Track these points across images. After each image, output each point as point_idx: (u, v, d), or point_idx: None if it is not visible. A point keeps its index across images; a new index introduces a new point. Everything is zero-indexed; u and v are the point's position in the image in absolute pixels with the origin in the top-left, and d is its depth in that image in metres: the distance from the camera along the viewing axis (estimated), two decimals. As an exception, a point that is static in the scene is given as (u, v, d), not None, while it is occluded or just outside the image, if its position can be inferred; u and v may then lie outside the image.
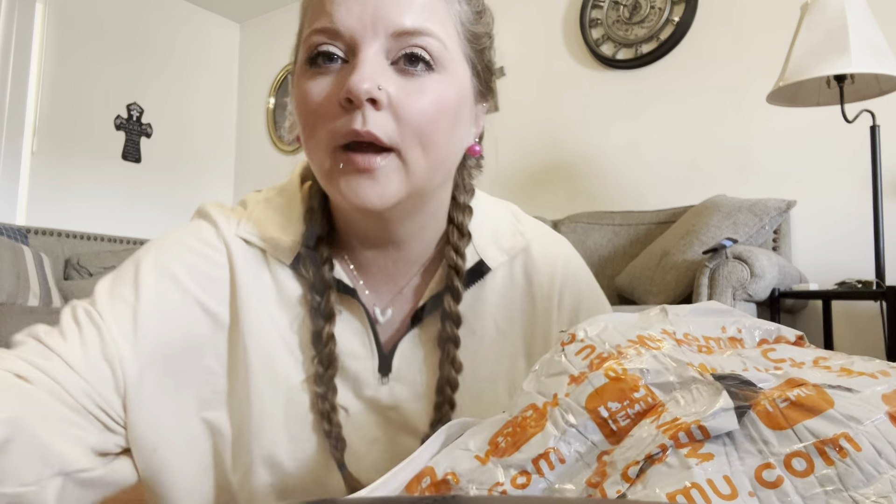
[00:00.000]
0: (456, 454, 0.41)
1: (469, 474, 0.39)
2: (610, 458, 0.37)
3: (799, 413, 0.34)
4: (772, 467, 0.32)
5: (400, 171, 0.53)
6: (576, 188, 3.05)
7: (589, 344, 0.44)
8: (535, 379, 0.44)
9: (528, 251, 0.66)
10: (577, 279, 0.67)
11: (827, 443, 0.32)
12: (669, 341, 0.43)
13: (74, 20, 3.78)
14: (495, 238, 0.65)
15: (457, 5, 0.56)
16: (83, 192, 3.77)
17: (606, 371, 0.40)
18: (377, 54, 0.51)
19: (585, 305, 0.66)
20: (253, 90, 4.54)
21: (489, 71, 0.63)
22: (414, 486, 0.40)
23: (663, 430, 0.35)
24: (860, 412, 0.33)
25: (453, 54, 0.55)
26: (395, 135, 0.52)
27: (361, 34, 0.51)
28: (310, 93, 0.53)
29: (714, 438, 0.34)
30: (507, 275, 0.65)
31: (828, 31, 1.89)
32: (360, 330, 0.61)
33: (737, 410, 0.34)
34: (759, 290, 1.89)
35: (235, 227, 0.61)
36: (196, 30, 4.40)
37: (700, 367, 0.39)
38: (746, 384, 0.37)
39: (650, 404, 0.38)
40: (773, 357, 0.41)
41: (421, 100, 0.52)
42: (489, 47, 0.62)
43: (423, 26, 0.52)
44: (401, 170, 0.53)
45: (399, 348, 0.62)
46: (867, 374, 0.38)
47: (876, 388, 0.36)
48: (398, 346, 0.62)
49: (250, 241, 0.61)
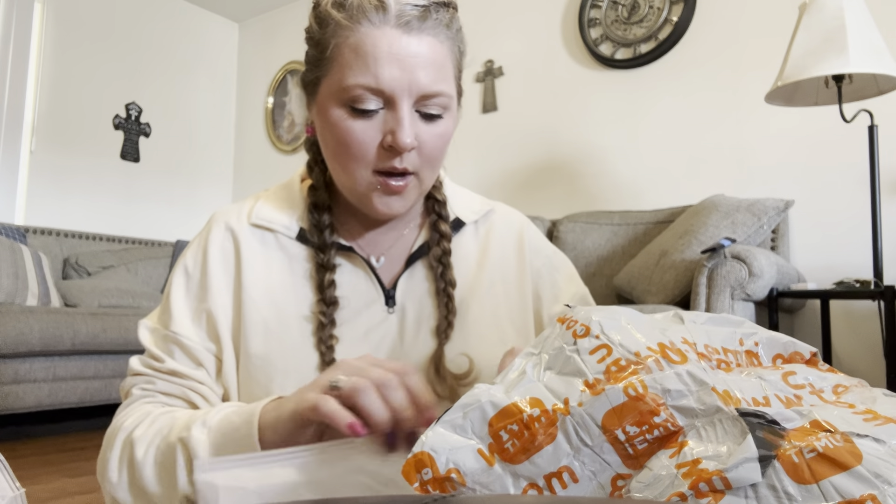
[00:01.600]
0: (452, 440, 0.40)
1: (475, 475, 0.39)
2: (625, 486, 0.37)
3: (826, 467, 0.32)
4: None
5: (417, 188, 0.72)
6: (574, 188, 3.05)
7: (605, 343, 0.42)
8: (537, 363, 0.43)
9: (494, 213, 0.85)
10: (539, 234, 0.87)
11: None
12: (692, 354, 0.42)
13: (73, 19, 3.77)
14: (467, 204, 0.84)
15: (457, 55, 0.72)
16: (82, 191, 3.76)
17: (626, 388, 0.38)
18: (411, 110, 0.68)
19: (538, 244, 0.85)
20: (252, 89, 4.53)
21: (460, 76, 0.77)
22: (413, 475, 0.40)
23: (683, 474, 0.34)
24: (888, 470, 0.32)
25: (453, 95, 0.71)
26: (417, 163, 0.70)
27: (400, 95, 0.66)
28: (354, 132, 0.68)
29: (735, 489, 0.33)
30: (478, 229, 0.83)
31: (826, 31, 1.90)
32: (363, 276, 0.76)
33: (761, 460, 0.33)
34: (757, 289, 1.90)
35: (247, 217, 0.77)
36: (195, 29, 4.39)
37: (724, 394, 0.38)
38: (771, 424, 0.36)
39: (670, 430, 0.37)
40: (793, 382, 0.40)
41: (436, 138, 0.70)
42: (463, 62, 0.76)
43: (440, 89, 0.68)
44: (417, 186, 0.72)
45: (399, 283, 0.77)
46: (894, 419, 0.37)
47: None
48: (398, 282, 0.77)
49: (260, 225, 0.77)
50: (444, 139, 0.71)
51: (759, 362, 0.46)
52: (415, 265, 0.78)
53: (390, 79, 0.65)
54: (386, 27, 0.65)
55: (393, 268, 0.79)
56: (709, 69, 2.73)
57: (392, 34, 0.65)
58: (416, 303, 0.76)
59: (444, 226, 0.78)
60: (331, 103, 0.68)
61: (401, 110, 0.66)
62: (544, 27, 3.21)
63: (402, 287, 0.77)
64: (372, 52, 0.65)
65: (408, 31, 0.66)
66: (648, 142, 2.86)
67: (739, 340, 0.46)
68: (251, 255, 0.75)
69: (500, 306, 0.79)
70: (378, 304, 0.76)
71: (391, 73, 0.65)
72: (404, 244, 0.80)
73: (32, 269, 2.87)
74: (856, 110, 2.05)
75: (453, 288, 0.76)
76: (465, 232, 0.81)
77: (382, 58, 0.65)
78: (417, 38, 0.66)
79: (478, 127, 3.36)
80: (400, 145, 0.66)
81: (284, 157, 4.29)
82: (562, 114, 3.12)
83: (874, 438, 0.34)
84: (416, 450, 0.40)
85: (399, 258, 0.79)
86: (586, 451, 0.38)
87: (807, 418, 0.36)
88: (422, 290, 0.77)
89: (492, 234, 0.83)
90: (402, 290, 0.77)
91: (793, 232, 2.45)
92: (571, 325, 0.45)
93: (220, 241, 0.76)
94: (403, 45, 0.65)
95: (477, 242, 0.82)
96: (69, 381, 2.60)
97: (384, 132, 0.67)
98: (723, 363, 0.43)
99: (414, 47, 0.66)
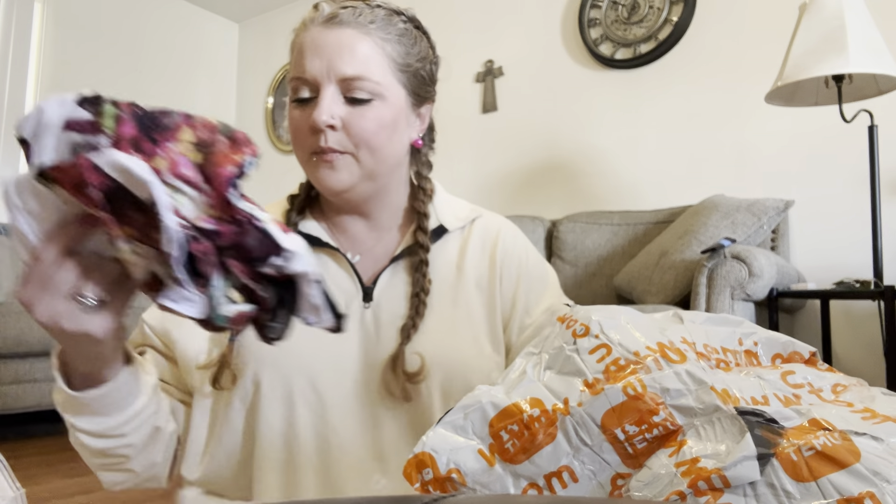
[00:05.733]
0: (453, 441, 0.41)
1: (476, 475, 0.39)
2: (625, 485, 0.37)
3: (824, 465, 0.32)
4: None
5: (353, 166, 0.77)
6: (574, 188, 3.05)
7: (604, 343, 0.42)
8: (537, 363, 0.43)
9: (479, 221, 0.89)
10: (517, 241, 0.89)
11: (851, 501, 0.31)
12: (691, 353, 0.42)
13: (73, 19, 3.77)
14: (453, 212, 0.88)
15: (389, 48, 0.77)
16: (82, 191, 3.76)
17: (625, 388, 0.38)
18: (334, 94, 0.75)
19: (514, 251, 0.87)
20: (252, 89, 4.53)
21: (425, 81, 0.83)
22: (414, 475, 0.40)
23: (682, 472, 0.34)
24: (886, 468, 0.32)
25: (387, 84, 0.77)
26: (349, 144, 0.76)
27: (321, 79, 0.75)
28: (294, 119, 0.78)
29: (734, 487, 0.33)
30: (462, 237, 0.87)
31: (826, 31, 1.90)
32: (343, 272, 0.82)
33: (759, 458, 0.33)
34: (757, 289, 1.90)
35: None
36: (195, 29, 4.39)
37: (723, 393, 0.38)
38: (770, 422, 0.36)
39: (669, 430, 0.37)
40: (792, 382, 0.41)
41: (363, 121, 0.76)
42: (424, 66, 0.82)
43: (360, 73, 0.75)
44: (353, 164, 0.77)
45: (379, 281, 0.82)
46: (892, 418, 0.37)
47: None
48: (378, 280, 0.82)
49: None
50: (377, 123, 0.76)
51: (759, 362, 0.46)
52: (396, 266, 0.83)
53: (310, 67, 0.75)
54: (313, 27, 0.77)
55: (374, 266, 0.84)
56: (709, 69, 2.73)
57: (316, 30, 0.76)
58: (391, 301, 0.81)
59: (423, 237, 0.83)
60: (289, 102, 0.80)
61: (321, 94, 0.75)
62: (544, 27, 3.21)
63: (380, 285, 0.82)
64: (300, 49, 0.77)
65: (330, 26, 0.76)
66: (648, 142, 2.86)
67: (738, 340, 0.46)
68: None
69: (474, 308, 0.83)
70: (356, 299, 0.81)
71: (312, 63, 0.75)
72: (386, 246, 0.85)
73: (32, 269, 2.87)
74: (856, 110, 2.05)
75: (426, 294, 0.80)
76: (448, 238, 0.86)
77: (307, 51, 0.76)
78: (338, 30, 0.75)
79: (478, 127, 3.36)
80: (314, 122, 0.74)
81: (284, 157, 4.29)
82: (562, 114, 3.12)
83: (872, 436, 0.34)
84: (418, 450, 0.41)
85: (382, 258, 0.85)
86: (586, 450, 0.38)
87: (805, 417, 0.36)
88: (398, 291, 0.82)
89: (470, 239, 0.87)
90: (380, 288, 0.82)
91: (793, 232, 2.45)
92: (571, 325, 0.45)
93: None
94: (324, 37, 0.75)
95: (458, 247, 0.86)
96: (69, 381, 2.60)
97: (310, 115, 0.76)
98: (722, 363, 0.43)
99: (333, 37, 0.75)
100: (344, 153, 0.76)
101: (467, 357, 0.78)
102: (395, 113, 0.78)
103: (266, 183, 4.34)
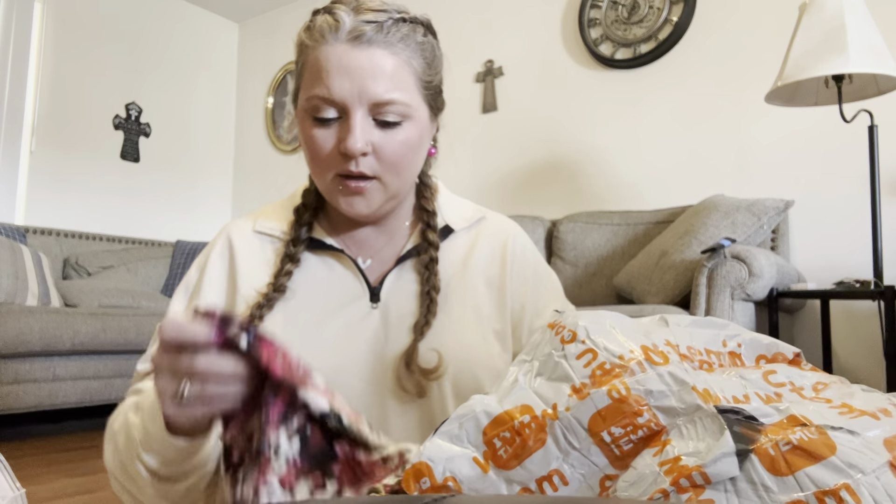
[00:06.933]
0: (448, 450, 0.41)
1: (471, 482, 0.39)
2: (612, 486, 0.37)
3: (801, 459, 0.33)
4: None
5: (381, 190, 0.77)
6: (574, 188, 3.05)
7: (590, 348, 0.43)
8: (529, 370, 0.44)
9: (486, 221, 0.89)
10: (526, 243, 0.91)
11: (828, 493, 0.32)
12: (674, 355, 0.43)
13: (73, 19, 3.77)
14: (458, 212, 0.88)
15: (415, 64, 0.76)
16: (82, 191, 3.76)
17: (610, 391, 0.39)
18: (364, 117, 0.73)
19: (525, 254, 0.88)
20: (252, 89, 4.53)
21: (440, 91, 0.82)
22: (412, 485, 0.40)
23: (665, 471, 0.35)
24: (862, 460, 0.33)
25: (415, 104, 0.76)
26: (378, 169, 0.75)
27: (351, 103, 0.72)
28: (316, 138, 0.75)
29: (715, 484, 0.34)
30: (468, 235, 0.87)
31: (826, 31, 1.90)
32: (350, 274, 0.82)
33: (738, 454, 0.34)
34: (757, 289, 1.90)
35: (252, 226, 0.86)
36: (195, 29, 4.39)
37: (704, 392, 0.38)
38: (749, 420, 0.36)
39: (653, 430, 0.38)
40: (774, 381, 0.41)
41: (394, 144, 0.75)
42: (439, 77, 0.81)
43: (392, 98, 0.73)
44: (381, 189, 0.77)
45: (386, 281, 0.82)
46: (868, 413, 0.37)
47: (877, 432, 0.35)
48: (385, 280, 0.82)
49: (262, 232, 0.85)
50: (406, 146, 0.76)
51: (742, 363, 0.47)
52: (403, 266, 0.83)
53: (340, 89, 0.72)
54: (338, 43, 0.73)
55: (381, 267, 0.84)
56: (709, 69, 2.74)
57: (342, 49, 0.73)
58: (399, 301, 0.81)
59: (433, 235, 0.83)
60: (302, 114, 0.77)
61: (352, 118, 0.73)
62: (544, 27, 3.21)
63: (387, 285, 0.82)
64: (325, 67, 0.73)
65: (357, 44, 0.73)
66: (648, 142, 2.86)
67: (722, 342, 0.47)
68: (248, 258, 0.83)
69: (483, 307, 0.83)
70: (363, 300, 0.81)
71: (341, 84, 0.72)
72: (394, 247, 0.85)
73: (32, 270, 2.87)
74: (856, 110, 2.05)
75: (437, 293, 0.81)
76: (454, 237, 0.86)
77: (333, 70, 0.73)
78: (367, 50, 0.73)
79: (478, 127, 3.36)
80: (349, 150, 0.72)
81: (284, 157, 4.29)
82: (562, 114, 3.12)
83: (848, 430, 0.35)
84: (415, 460, 0.41)
85: (388, 259, 0.85)
86: (575, 454, 0.39)
87: (784, 413, 0.37)
88: (407, 290, 0.82)
89: (479, 240, 0.87)
90: (387, 288, 0.82)
91: (793, 232, 2.45)
92: (560, 331, 0.46)
93: (220, 249, 0.84)
94: (353, 58, 0.72)
95: (464, 246, 0.87)
96: (69, 381, 2.60)
97: (339, 139, 0.74)
98: (705, 364, 0.44)
99: (363, 60, 0.72)
100: (372, 178, 0.75)
101: (476, 355, 0.79)
102: (421, 131, 0.78)
103: (266, 184, 4.35)
